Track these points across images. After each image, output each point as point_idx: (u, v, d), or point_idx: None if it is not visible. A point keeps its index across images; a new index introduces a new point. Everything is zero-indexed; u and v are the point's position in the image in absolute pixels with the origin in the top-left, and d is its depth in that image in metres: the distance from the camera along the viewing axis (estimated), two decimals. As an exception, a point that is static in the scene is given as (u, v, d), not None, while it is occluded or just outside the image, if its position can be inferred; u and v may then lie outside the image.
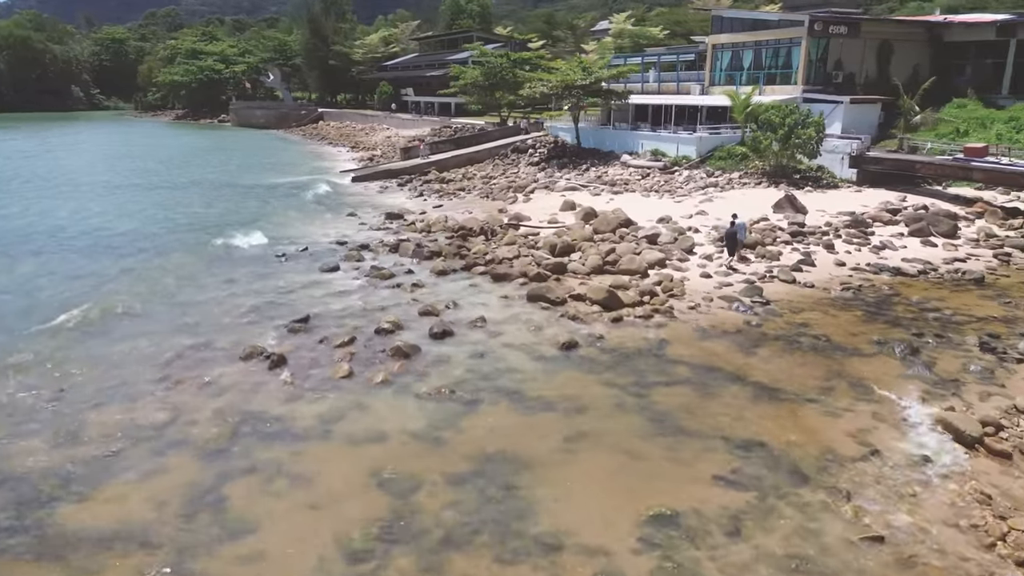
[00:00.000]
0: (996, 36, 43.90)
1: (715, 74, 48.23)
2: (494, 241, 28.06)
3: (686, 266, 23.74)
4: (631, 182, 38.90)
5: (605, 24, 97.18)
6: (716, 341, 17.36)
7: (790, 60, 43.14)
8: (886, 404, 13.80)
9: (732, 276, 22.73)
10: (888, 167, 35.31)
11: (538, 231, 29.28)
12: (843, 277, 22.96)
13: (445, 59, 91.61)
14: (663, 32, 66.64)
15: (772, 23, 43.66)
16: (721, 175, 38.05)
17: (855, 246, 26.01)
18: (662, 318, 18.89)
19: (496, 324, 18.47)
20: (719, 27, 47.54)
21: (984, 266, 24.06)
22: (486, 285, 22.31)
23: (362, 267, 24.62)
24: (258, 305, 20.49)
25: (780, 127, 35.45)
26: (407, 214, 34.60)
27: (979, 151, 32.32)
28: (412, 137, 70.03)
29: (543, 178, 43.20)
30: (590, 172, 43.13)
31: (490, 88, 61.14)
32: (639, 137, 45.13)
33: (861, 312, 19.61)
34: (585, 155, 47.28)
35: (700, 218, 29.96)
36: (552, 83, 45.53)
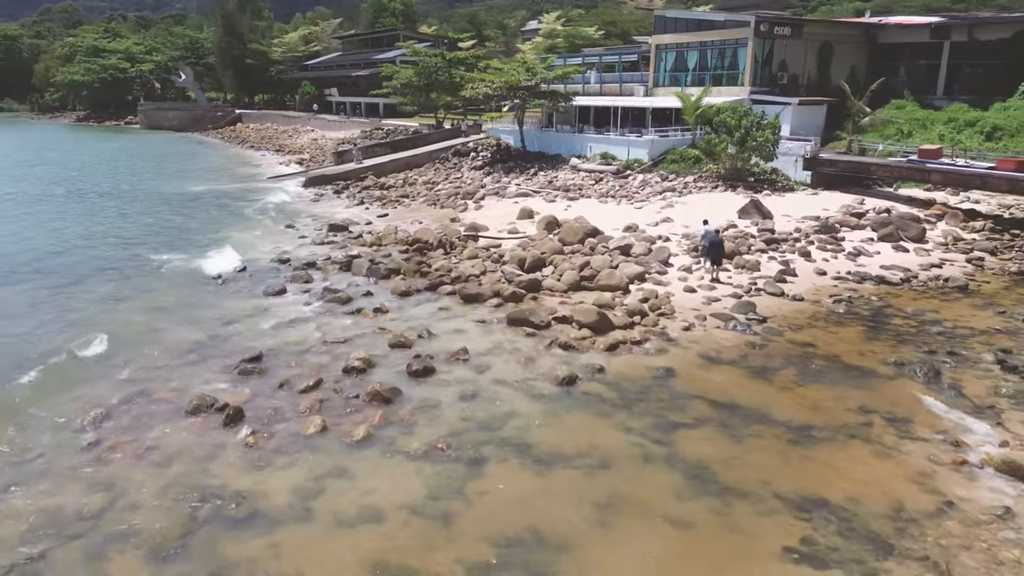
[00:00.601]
0: (930, 38, 44.66)
1: (659, 75, 47.36)
2: (454, 255, 25.92)
3: (667, 279, 22.26)
4: (585, 187, 37.39)
5: (534, 24, 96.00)
6: (725, 369, 15.82)
7: (736, 61, 42.60)
8: (934, 440, 12.50)
9: (717, 289, 21.38)
10: (843, 169, 35.01)
11: (500, 242, 27.30)
12: (828, 287, 21.98)
13: (372, 58, 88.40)
14: (598, 32, 65.74)
15: (718, 24, 43.05)
16: (676, 179, 37.01)
17: (830, 253, 25.17)
18: (659, 342, 17.25)
19: (480, 356, 16.40)
20: (662, 27, 46.69)
21: (961, 272, 23.56)
22: (457, 308, 20.18)
23: (313, 289, 22.04)
24: (199, 341, 17.73)
25: (736, 130, 34.64)
26: (351, 225, 31.98)
27: (933, 153, 32.28)
28: (341, 139, 66.81)
29: (491, 183, 41.22)
30: (539, 177, 41.43)
31: (425, 88, 58.70)
32: (587, 140, 43.74)
33: (861, 327, 18.53)
34: (531, 159, 45.57)
35: (667, 226, 28.64)
36: (496, 84, 43.59)
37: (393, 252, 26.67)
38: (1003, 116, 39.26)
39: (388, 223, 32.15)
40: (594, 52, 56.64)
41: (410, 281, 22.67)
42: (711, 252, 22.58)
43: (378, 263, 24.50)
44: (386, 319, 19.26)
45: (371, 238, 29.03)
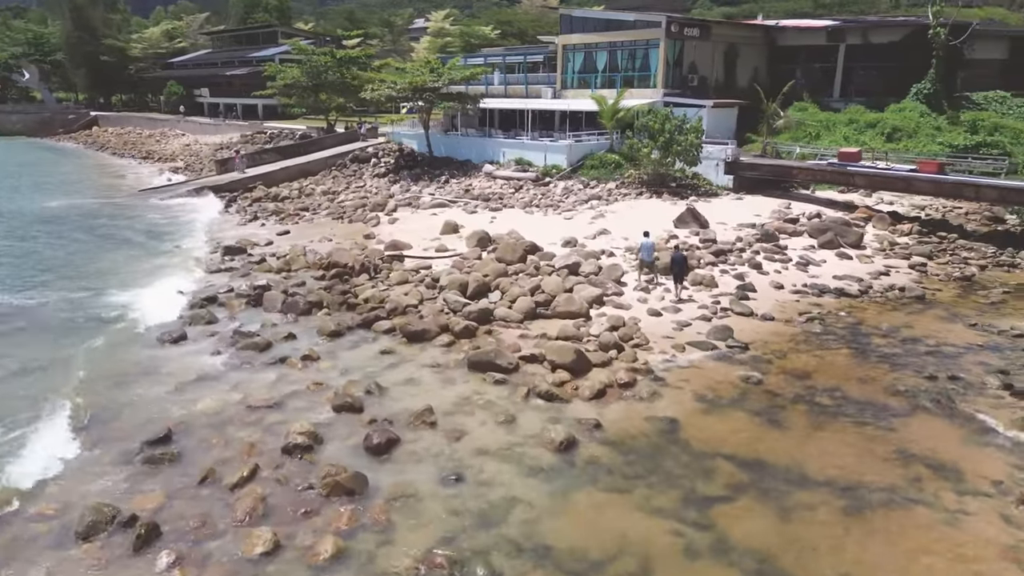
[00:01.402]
0: (826, 41, 45.54)
1: (567, 76, 45.75)
2: (380, 280, 22.82)
3: (626, 301, 20.25)
4: (505, 196, 35.01)
5: (421, 22, 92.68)
6: (731, 415, 13.89)
7: (648, 62, 41.59)
8: (995, 495, 11.02)
9: (682, 311, 19.60)
10: (765, 173, 34.55)
11: (429, 263, 24.42)
12: (791, 303, 20.76)
13: (248, 56, 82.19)
14: (494, 31, 63.59)
15: (628, 24, 41.85)
16: (598, 186, 35.35)
17: (779, 264, 24.08)
18: (648, 382, 15.12)
19: (449, 416, 13.62)
20: (569, 27, 45.07)
21: (910, 280, 23.08)
22: (401, 349, 17.23)
23: (220, 333, 18.36)
24: (78, 418, 13.86)
25: (659, 134, 33.36)
26: (250, 246, 28.03)
27: (853, 156, 32.27)
28: (219, 145, 61.12)
29: (400, 193, 38.04)
30: (452, 185, 38.66)
31: (314, 89, 54.37)
32: (499, 145, 41.39)
33: (846, 350, 17.23)
34: (439, 165, 42.71)
35: (606, 239, 26.75)
36: (400, 85, 40.37)
37: (307, 279, 23.20)
38: (899, 117, 40.35)
39: (292, 243, 28.44)
40: (496, 52, 54.40)
41: (337, 316, 19.44)
42: (673, 269, 20.86)
43: (294, 295, 21.03)
44: (320, 369, 16.04)
45: (277, 262, 25.32)
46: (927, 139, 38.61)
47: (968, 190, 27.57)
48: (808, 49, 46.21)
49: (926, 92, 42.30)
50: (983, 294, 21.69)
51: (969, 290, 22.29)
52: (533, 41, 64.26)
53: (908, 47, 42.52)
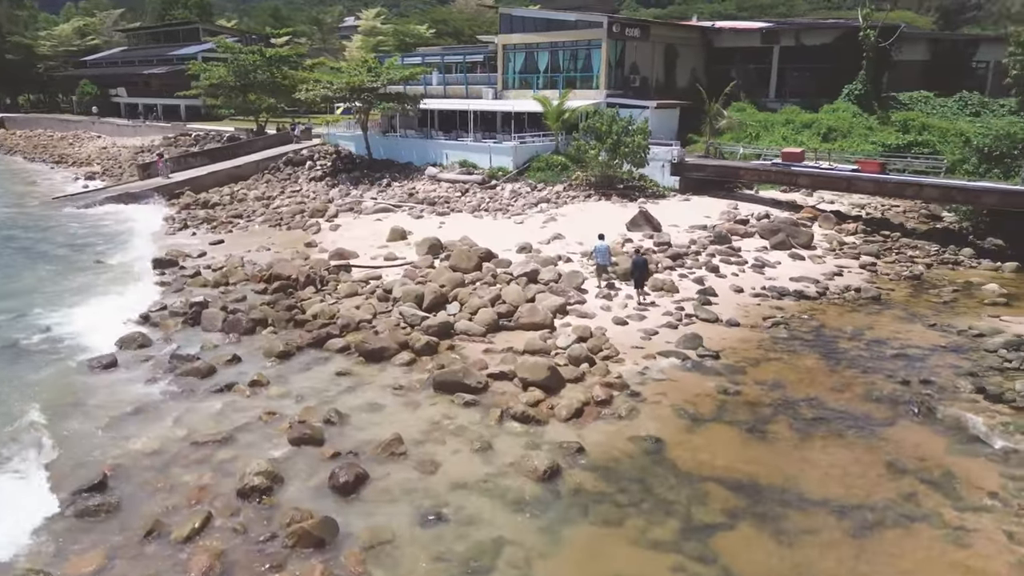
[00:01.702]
0: (761, 42, 46.21)
1: (508, 77, 44.97)
2: (328, 292, 21.50)
3: (590, 309, 19.59)
4: (452, 200, 33.95)
5: (351, 20, 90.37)
6: (714, 431, 13.35)
7: (590, 63, 41.21)
8: (994, 508, 10.75)
9: (647, 318, 19.06)
10: (711, 174, 34.58)
11: (379, 273, 23.20)
12: (752, 306, 20.52)
13: (168, 54, 78.39)
14: (429, 31, 62.28)
15: (569, 24, 41.35)
16: (545, 188, 34.70)
17: (736, 267, 23.87)
18: (625, 398, 14.45)
19: (419, 446, 12.60)
20: (509, 26, 44.30)
21: (863, 280, 23.23)
22: (359, 369, 16.07)
23: (156, 357, 16.78)
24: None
25: (607, 135, 32.95)
26: (181, 258, 26.16)
27: (796, 156, 32.58)
28: (140, 148, 57.86)
29: (339, 197, 36.49)
30: (394, 188, 37.36)
31: (242, 89, 51.97)
32: (441, 147, 40.28)
33: (815, 356, 17.00)
34: (379, 167, 41.28)
35: (560, 243, 26.08)
36: (337, 85, 38.75)
37: (248, 294, 21.67)
38: (833, 118, 41.18)
39: (228, 253, 26.70)
40: (433, 52, 53.16)
41: (285, 335, 18.10)
42: (635, 274, 20.35)
43: (235, 312, 19.52)
44: (271, 396, 14.74)
45: (213, 275, 23.62)
46: (860, 139, 39.49)
47: (910, 189, 28.09)
48: (744, 51, 46.82)
49: (857, 93, 43.31)
50: (934, 293, 21.95)
51: (920, 289, 22.56)
52: (470, 41, 63.34)
53: (839, 49, 43.50)
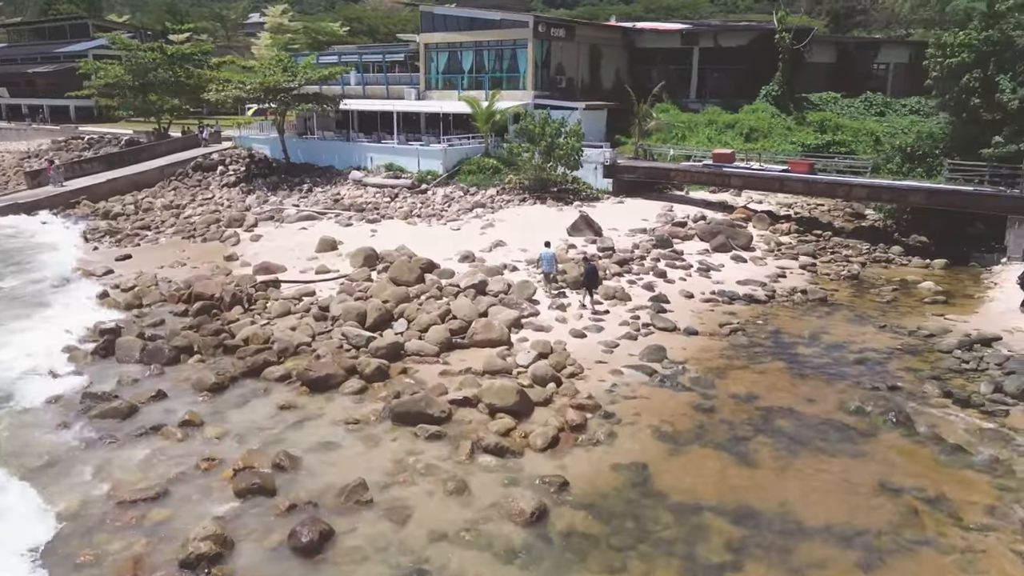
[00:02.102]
0: (681, 44, 46.64)
1: (431, 77, 43.55)
2: (258, 313, 19.70)
3: (545, 322, 18.66)
4: (381, 206, 32.34)
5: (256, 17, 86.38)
6: (697, 453, 12.65)
7: (516, 63, 40.35)
8: (996, 525, 10.46)
9: (604, 329, 18.32)
10: (643, 175, 34.38)
11: (313, 288, 21.51)
12: (704, 312, 20.19)
13: (55, 51, 72.54)
14: (343, 28, 59.90)
15: (494, 23, 40.32)
16: (478, 192, 33.59)
17: (682, 271, 23.51)
18: (600, 421, 13.57)
19: (386, 491, 11.29)
20: (431, 25, 42.85)
21: (804, 281, 23.34)
22: (305, 401, 14.54)
23: (65, 396, 14.71)
24: None
25: (541, 138, 32.16)
26: (85, 276, 23.61)
27: (727, 157, 32.76)
28: (27, 153, 53.09)
29: (257, 204, 34.23)
30: (317, 194, 35.36)
31: (142, 89, 48.35)
32: (365, 150, 38.49)
33: (779, 363, 16.71)
34: (298, 172, 39.10)
35: (502, 251, 25.03)
36: (250, 85, 36.34)
37: (166, 317, 19.61)
38: (754, 118, 41.94)
39: (139, 270, 24.29)
40: (350, 50, 51.00)
41: (214, 364, 16.30)
42: (586, 282, 19.62)
43: (154, 339, 17.51)
44: (207, 438, 13.04)
45: (124, 296, 21.33)
46: (781, 139, 40.34)
47: (841, 189, 28.61)
48: (665, 52, 47.14)
49: (774, 94, 44.26)
50: (875, 293, 22.22)
51: (861, 289, 22.80)
52: (386, 39, 61.41)
53: (755, 51, 44.36)
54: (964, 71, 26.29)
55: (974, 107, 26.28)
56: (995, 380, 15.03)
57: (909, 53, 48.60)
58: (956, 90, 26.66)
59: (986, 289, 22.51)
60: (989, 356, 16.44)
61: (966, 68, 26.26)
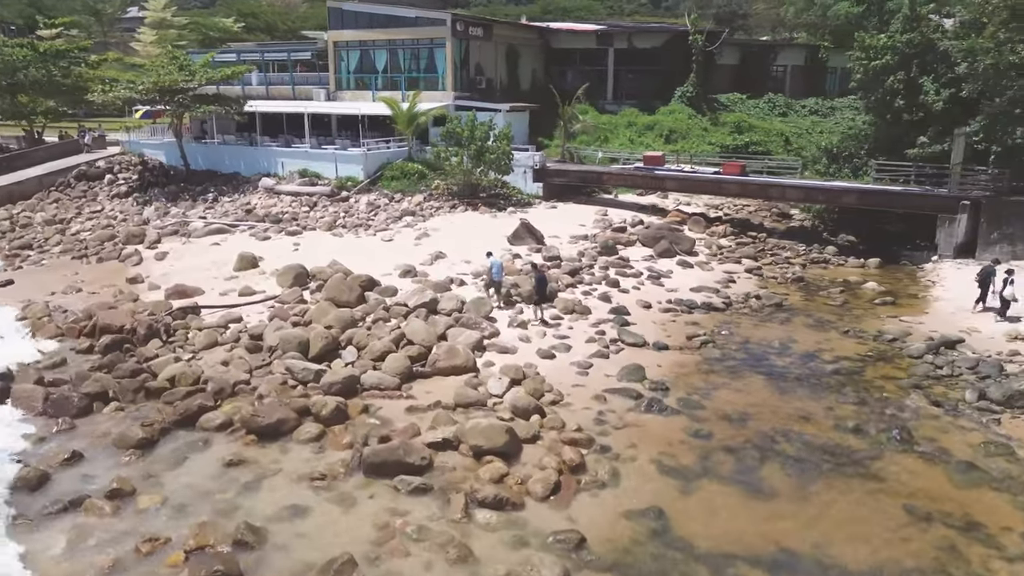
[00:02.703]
0: (596, 44, 46.30)
1: (342, 76, 41.12)
2: (179, 345, 17.25)
3: (508, 342, 17.24)
4: (300, 216, 29.85)
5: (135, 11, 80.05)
6: (707, 489, 11.63)
7: (434, 63, 38.64)
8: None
9: (572, 347, 17.12)
10: (574, 179, 33.56)
11: (238, 313, 19.15)
12: (667, 323, 19.46)
13: (-102, 46, 64.16)
14: (237, 24, 56.04)
15: (409, 20, 38.41)
16: (403, 199, 31.71)
17: (633, 279, 22.69)
18: (595, 456, 12.32)
19: (377, 566, 9.58)
20: (340, 22, 40.37)
21: (754, 285, 23.07)
22: (254, 454, 12.49)
23: (-50, 467, 12.02)
24: None
25: (471, 141, 30.67)
26: (-42, 309, 20.27)
27: (657, 159, 32.39)
28: None
29: (156, 217, 30.94)
30: (224, 204, 32.41)
31: (9, 89, 43.16)
32: (275, 155, 35.70)
33: (760, 377, 16.06)
34: (199, 180, 35.82)
35: (444, 263, 23.40)
36: (143, 86, 32.81)
37: (67, 355, 16.85)
38: (671, 119, 42.12)
39: (25, 299, 21.07)
40: (250, 48, 47.57)
41: (137, 412, 13.91)
42: (538, 292, 18.54)
43: (57, 383, 14.87)
44: (143, 511, 10.83)
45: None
46: (698, 140, 40.64)
47: (775, 190, 28.71)
48: (581, 52, 46.67)
49: (689, 95, 44.62)
50: (825, 295, 22.15)
51: (809, 291, 22.71)
52: (284, 36, 58.15)
53: (668, 52, 44.60)
54: (888, 73, 26.85)
55: (898, 108, 26.88)
56: (977, 387, 14.87)
57: (804, 56, 50.38)
58: (881, 92, 27.21)
59: (926, 288, 22.90)
60: (959, 360, 16.38)
61: (890, 70, 26.83)
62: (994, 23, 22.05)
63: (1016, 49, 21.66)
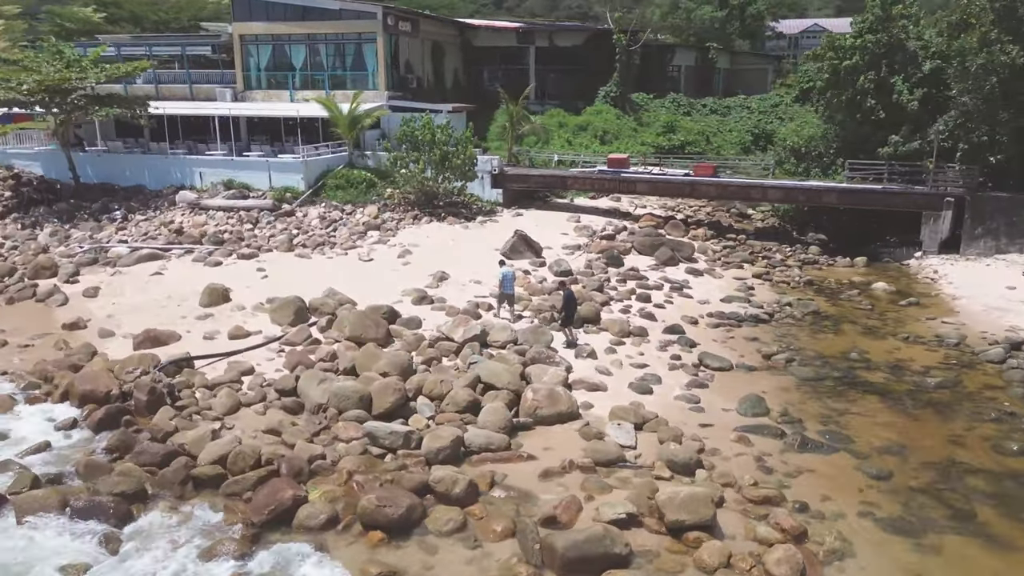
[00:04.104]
0: (517, 43, 44.63)
1: (251, 74, 36.57)
2: (195, 411, 13.57)
3: (592, 377, 15.06)
4: (245, 235, 25.62)
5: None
6: (942, 543, 10.27)
7: (363, 60, 35.22)
8: None
9: (661, 378, 15.28)
10: (535, 184, 31.68)
11: (247, 363, 15.53)
12: (726, 339, 18.16)
13: None
14: (99, 15, 48.84)
15: (332, 13, 34.58)
16: (355, 211, 28.33)
17: (656, 291, 21.17)
18: (806, 519, 10.53)
19: None
20: (247, 13, 35.75)
21: (774, 293, 22.36)
22: (395, 559, 9.59)
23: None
24: None
25: (434, 146, 27.88)
26: None
27: (622, 162, 31.19)
28: None
29: (57, 243, 25.52)
30: (137, 223, 27.36)
31: None
32: (190, 164, 30.83)
33: (872, 397, 15.01)
34: (93, 195, 30.21)
35: (453, 286, 20.70)
36: (27, 85, 26.91)
37: (50, 436, 12.74)
38: (600, 119, 41.39)
39: (-70, 358, 16.15)
40: (129, 41, 41.27)
41: (192, 510, 10.45)
42: (566, 311, 16.80)
43: (57, 480, 10.98)
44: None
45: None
46: (629, 140, 40.13)
47: (755, 191, 28.31)
48: (503, 51, 44.79)
49: (613, 95, 44.07)
50: (846, 299, 21.75)
51: (827, 295, 22.29)
52: (154, 28, 51.51)
53: (590, 51, 43.82)
54: (858, 73, 27.16)
55: (869, 108, 27.25)
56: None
57: (695, 57, 51.36)
58: (851, 91, 27.48)
59: (928, 286, 23.16)
60: (1046, 364, 16.22)
61: (860, 70, 27.15)
62: (984, 24, 22.58)
63: (1006, 49, 22.28)
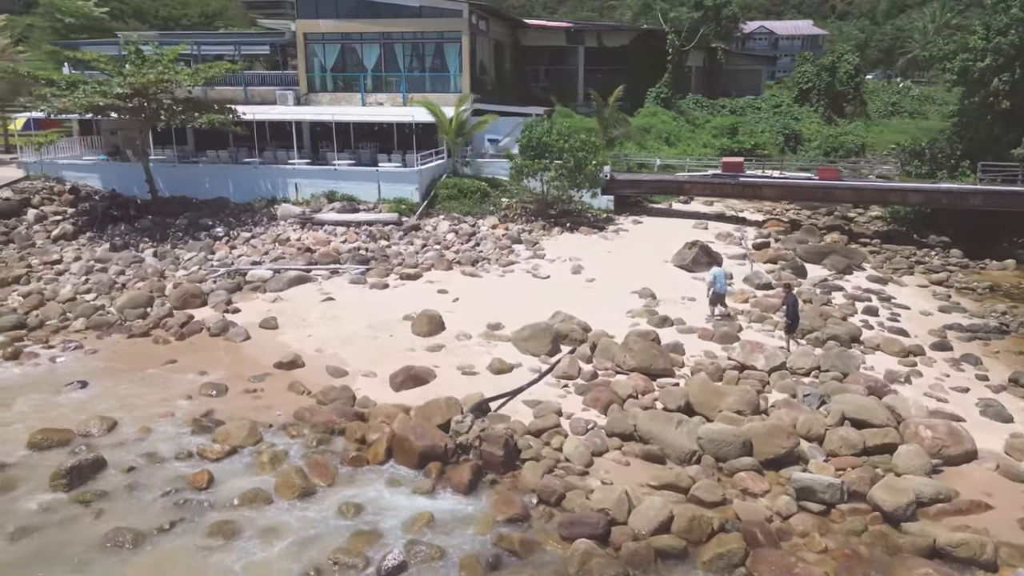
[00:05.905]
0: (566, 42, 43.33)
1: (315, 76, 33.89)
2: (552, 464, 11.63)
3: (932, 404, 13.79)
4: (378, 252, 23.13)
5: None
6: None
7: (444, 61, 33.09)
8: None
9: (993, 405, 14.17)
10: (648, 190, 30.39)
11: (555, 403, 13.56)
12: (986, 352, 17.12)
13: None
14: (101, 10, 44.62)
15: (412, 10, 32.31)
16: (476, 222, 26.29)
17: (868, 303, 20.13)
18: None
19: None
20: (312, 10, 33.13)
21: (971, 302, 21.62)
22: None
23: None
24: None
25: (567, 154, 26.07)
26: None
27: (736, 166, 30.23)
28: None
29: (170, 265, 22.59)
30: (248, 241, 24.55)
31: None
32: (283, 174, 28.12)
33: None
34: (172, 210, 27.18)
35: (668, 305, 19.11)
36: (119, 89, 23.63)
37: (421, 505, 10.58)
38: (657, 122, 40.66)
39: (143, 413, 13.55)
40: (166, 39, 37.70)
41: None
42: (790, 318, 15.89)
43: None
44: None
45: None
46: (690, 142, 39.52)
47: (894, 195, 27.67)
48: (552, 50, 43.34)
49: (663, 96, 43.35)
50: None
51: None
52: (163, 25, 47.69)
53: (635, 52, 42.98)
54: (993, 74, 26.88)
55: (1003, 110, 27.00)
56: None
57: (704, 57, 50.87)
58: (983, 93, 27.20)
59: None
60: None
61: (995, 72, 26.88)
62: None
63: None
